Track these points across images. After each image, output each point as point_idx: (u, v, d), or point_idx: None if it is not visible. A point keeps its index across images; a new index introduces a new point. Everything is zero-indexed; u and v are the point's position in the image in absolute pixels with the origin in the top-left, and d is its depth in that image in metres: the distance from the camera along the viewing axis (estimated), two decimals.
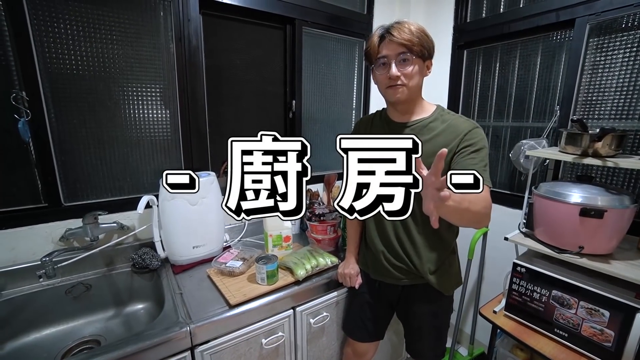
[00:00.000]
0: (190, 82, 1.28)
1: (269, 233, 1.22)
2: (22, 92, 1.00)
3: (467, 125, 0.87)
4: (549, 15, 1.32)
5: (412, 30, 0.83)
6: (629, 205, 0.96)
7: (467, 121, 0.89)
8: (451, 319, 1.12)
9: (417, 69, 0.86)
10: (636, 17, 1.14)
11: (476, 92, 1.70)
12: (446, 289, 0.99)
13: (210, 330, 0.90)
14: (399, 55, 0.84)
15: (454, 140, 0.86)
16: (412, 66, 0.85)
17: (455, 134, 0.87)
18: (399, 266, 0.98)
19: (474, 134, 0.86)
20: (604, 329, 0.95)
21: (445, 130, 0.88)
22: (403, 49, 0.83)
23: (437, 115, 0.92)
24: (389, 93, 0.89)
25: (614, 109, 1.23)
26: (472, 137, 0.86)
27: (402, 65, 0.85)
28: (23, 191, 1.07)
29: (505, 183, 1.61)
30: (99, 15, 1.09)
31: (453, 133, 0.87)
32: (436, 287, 0.97)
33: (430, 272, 0.96)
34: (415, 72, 0.86)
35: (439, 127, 0.89)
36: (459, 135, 0.86)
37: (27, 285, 1.04)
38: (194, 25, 1.24)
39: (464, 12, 1.67)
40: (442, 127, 0.89)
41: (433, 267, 0.96)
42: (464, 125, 0.88)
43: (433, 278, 0.96)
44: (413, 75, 0.86)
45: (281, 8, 1.42)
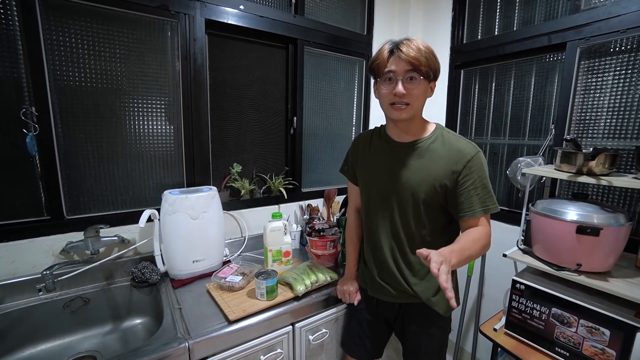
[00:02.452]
0: (195, 99, 1.31)
1: (269, 248, 1.22)
2: (31, 108, 1.03)
3: (470, 150, 0.87)
4: (541, 38, 1.37)
5: (420, 48, 0.82)
6: (624, 224, 0.97)
7: (469, 144, 0.89)
8: (452, 337, 1.11)
9: (422, 89, 0.85)
10: (623, 42, 1.19)
11: (473, 110, 1.74)
12: (443, 309, 0.96)
13: (209, 346, 0.89)
14: (407, 72, 0.82)
15: (456, 165, 0.86)
16: (418, 86, 0.84)
17: (458, 157, 0.86)
18: (394, 286, 0.98)
19: (477, 161, 0.86)
20: (605, 348, 0.94)
21: (449, 154, 0.88)
22: (410, 66, 0.82)
23: (438, 135, 0.91)
24: (391, 111, 0.87)
25: (607, 129, 1.26)
26: (475, 164, 0.86)
27: (409, 83, 0.83)
28: (26, 204, 1.08)
29: (503, 199, 1.63)
30: (108, 33, 1.14)
31: (456, 157, 0.87)
32: (433, 308, 0.95)
33: (427, 293, 0.94)
34: (421, 92, 0.85)
35: (440, 149, 0.89)
36: (461, 160, 0.86)
37: (25, 298, 1.04)
38: (200, 44, 1.29)
39: (461, 33, 1.73)
40: (444, 150, 0.89)
41: (429, 287, 0.95)
42: (466, 149, 0.87)
43: (429, 298, 0.94)
44: (418, 95, 0.85)
45: (284, 29, 1.47)
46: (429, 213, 0.91)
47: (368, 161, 1.01)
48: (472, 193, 0.86)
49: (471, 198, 0.86)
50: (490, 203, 0.88)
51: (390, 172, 0.94)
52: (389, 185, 0.94)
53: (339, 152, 1.85)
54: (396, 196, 0.93)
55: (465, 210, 0.87)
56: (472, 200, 0.86)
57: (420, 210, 0.91)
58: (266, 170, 1.61)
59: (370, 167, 1.00)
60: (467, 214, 0.87)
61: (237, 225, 1.48)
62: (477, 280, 1.59)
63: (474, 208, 0.86)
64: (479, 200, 0.86)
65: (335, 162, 1.84)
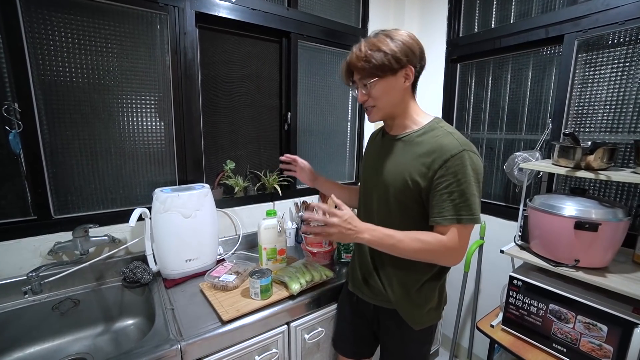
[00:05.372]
0: (186, 94, 1.28)
1: (263, 246, 1.20)
2: (14, 104, 0.99)
3: (452, 148, 0.76)
4: (538, 31, 1.35)
5: (360, 52, 0.78)
6: (622, 219, 0.96)
7: (455, 141, 0.77)
8: (449, 333, 1.10)
9: (382, 87, 0.80)
10: (621, 34, 1.17)
11: (470, 105, 1.73)
12: (414, 321, 0.88)
13: (202, 348, 0.87)
14: (358, 80, 0.82)
15: (432, 161, 0.78)
16: (376, 87, 0.79)
17: (437, 154, 0.77)
18: (370, 283, 0.93)
19: (457, 161, 0.75)
20: (603, 344, 0.94)
21: (428, 148, 0.80)
22: (358, 74, 0.81)
23: (428, 129, 0.83)
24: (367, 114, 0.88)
25: (605, 122, 1.25)
26: (454, 164, 0.75)
27: (364, 88, 0.81)
28: (12, 204, 1.05)
29: (500, 195, 1.62)
30: (95, 27, 1.10)
31: (434, 152, 0.78)
32: (402, 317, 0.88)
33: (396, 298, 0.88)
34: (382, 91, 0.80)
35: (425, 142, 0.81)
36: (439, 157, 0.77)
37: (11, 301, 1.01)
38: (190, 38, 1.25)
39: (457, 26, 1.71)
40: (427, 144, 0.81)
41: (400, 292, 0.88)
42: (449, 146, 0.77)
43: (399, 305, 0.88)
44: (379, 95, 0.81)
45: (277, 22, 1.44)
46: (402, 210, 0.84)
47: (366, 156, 1.01)
48: (446, 197, 0.76)
49: (443, 202, 0.76)
50: (465, 213, 0.75)
51: (376, 165, 0.91)
52: (374, 179, 0.91)
53: (334, 148, 1.82)
54: (377, 190, 0.89)
55: (434, 214, 0.78)
56: (443, 205, 0.76)
57: (394, 206, 0.85)
58: (260, 167, 1.58)
59: (366, 161, 0.99)
60: (436, 219, 0.78)
61: (230, 223, 1.46)
62: (474, 276, 1.58)
63: (444, 214, 0.76)
64: (452, 206, 0.76)
65: (330, 158, 1.82)
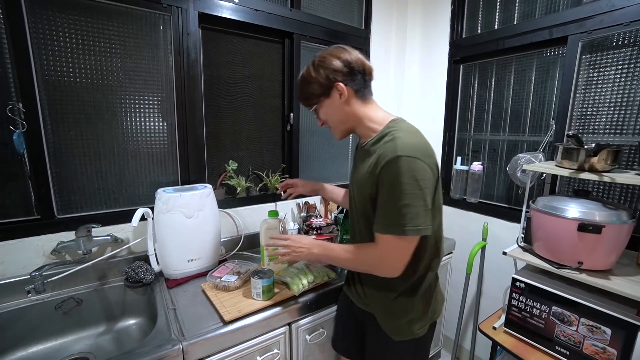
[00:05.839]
0: (189, 95, 1.28)
1: (265, 247, 1.20)
2: (18, 104, 1.00)
3: (388, 154, 0.73)
4: (542, 32, 1.35)
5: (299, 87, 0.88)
6: (626, 221, 0.96)
7: (394, 146, 0.73)
8: (450, 335, 1.10)
9: (324, 110, 0.86)
10: (626, 35, 1.17)
11: (473, 106, 1.72)
12: (391, 331, 0.85)
13: (204, 348, 0.87)
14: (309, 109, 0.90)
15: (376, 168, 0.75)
16: (320, 110, 0.87)
17: (378, 160, 0.75)
18: (356, 286, 0.94)
19: (391, 167, 0.71)
20: (606, 347, 0.93)
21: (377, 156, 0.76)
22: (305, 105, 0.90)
23: (381, 135, 0.80)
24: None
25: (609, 124, 1.24)
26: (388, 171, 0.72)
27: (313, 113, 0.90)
28: (16, 203, 1.05)
29: (502, 196, 1.61)
30: (98, 27, 1.10)
31: (378, 160, 0.75)
32: (380, 324, 0.87)
33: (374, 305, 0.87)
34: (327, 112, 0.86)
35: (378, 149, 0.78)
36: (379, 163, 0.74)
37: (15, 300, 1.01)
38: (193, 39, 1.26)
39: (460, 27, 1.70)
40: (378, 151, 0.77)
41: (376, 298, 0.87)
42: (387, 151, 0.74)
43: (376, 312, 0.87)
44: (326, 116, 0.88)
45: (280, 23, 1.44)
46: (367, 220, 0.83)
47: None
48: (380, 207, 0.75)
49: (378, 212, 0.76)
50: (392, 223, 0.72)
51: (352, 176, 0.94)
52: (351, 191, 0.92)
53: (336, 148, 1.82)
54: (353, 201, 0.91)
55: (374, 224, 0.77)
56: (379, 213, 0.76)
57: (362, 217, 0.85)
58: (262, 167, 1.58)
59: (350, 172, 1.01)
60: (374, 226, 0.76)
61: (232, 224, 1.46)
62: (476, 277, 1.58)
63: (376, 224, 0.76)
64: (382, 216, 0.75)
65: (332, 159, 1.81)
